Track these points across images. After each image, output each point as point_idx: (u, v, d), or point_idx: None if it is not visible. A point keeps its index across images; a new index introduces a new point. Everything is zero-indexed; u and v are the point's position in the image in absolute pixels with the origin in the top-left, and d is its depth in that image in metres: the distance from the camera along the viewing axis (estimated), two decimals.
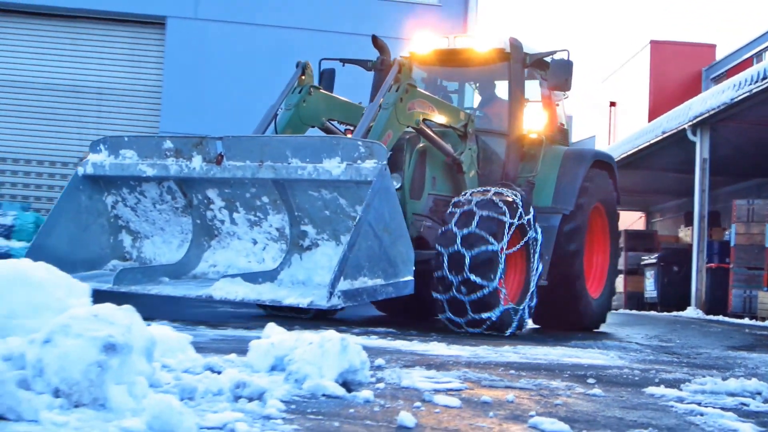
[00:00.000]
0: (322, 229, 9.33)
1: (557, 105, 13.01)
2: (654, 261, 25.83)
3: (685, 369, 6.74)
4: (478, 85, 13.93)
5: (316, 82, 11.54)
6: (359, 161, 8.35)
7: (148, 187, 9.97)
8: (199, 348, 5.08)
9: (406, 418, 3.46)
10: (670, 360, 7.59)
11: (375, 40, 12.41)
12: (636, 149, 24.51)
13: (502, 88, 12.65)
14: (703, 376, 5.95)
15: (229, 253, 9.99)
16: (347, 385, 4.16)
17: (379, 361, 5.53)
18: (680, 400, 4.71)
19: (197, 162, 9.19)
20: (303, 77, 11.02)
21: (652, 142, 23.16)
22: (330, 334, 4.42)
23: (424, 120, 10.46)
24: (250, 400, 3.67)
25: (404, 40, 14.35)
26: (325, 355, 4.24)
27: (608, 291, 13.09)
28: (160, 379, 3.92)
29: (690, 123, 20.06)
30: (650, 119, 29.30)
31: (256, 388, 3.76)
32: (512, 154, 11.79)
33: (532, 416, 3.74)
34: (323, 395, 4.00)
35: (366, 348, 4.93)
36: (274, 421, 3.31)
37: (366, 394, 4.07)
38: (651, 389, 5.09)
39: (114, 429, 2.89)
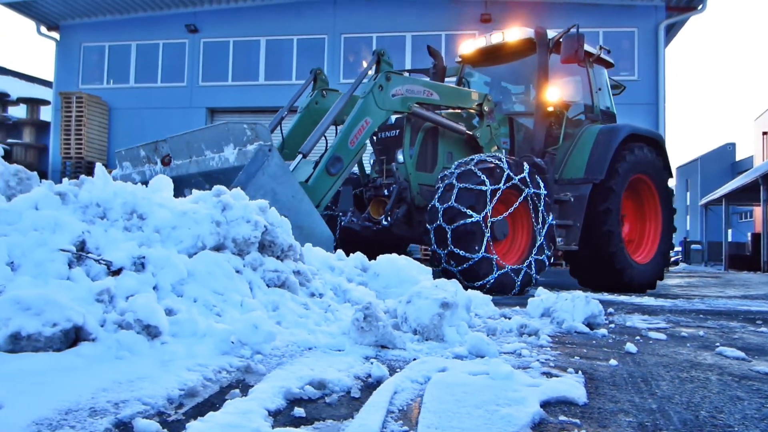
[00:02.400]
0: None
1: (599, 91, 9.26)
2: None
3: None
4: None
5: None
6: (248, 145, 5.58)
7: None
8: (497, 303, 5.07)
9: (630, 346, 3.29)
10: None
11: (429, 48, 9.70)
12: None
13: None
14: None
15: None
16: (590, 326, 4.01)
17: (610, 309, 5.28)
18: None
19: (159, 165, 6.55)
20: (316, 82, 8.37)
21: None
22: (578, 293, 4.29)
23: (423, 103, 7.58)
24: (529, 335, 3.63)
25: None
26: (575, 306, 4.12)
27: (659, 258, 9.20)
28: (474, 323, 3.96)
29: None
30: None
31: (533, 327, 3.70)
32: (537, 130, 8.55)
33: (717, 346, 3.44)
34: (575, 332, 3.88)
35: (601, 301, 4.73)
36: (545, 348, 3.25)
37: (602, 331, 3.91)
38: None
39: (448, 353, 2.94)
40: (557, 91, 8.77)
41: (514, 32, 8.94)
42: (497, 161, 6.88)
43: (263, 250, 3.81)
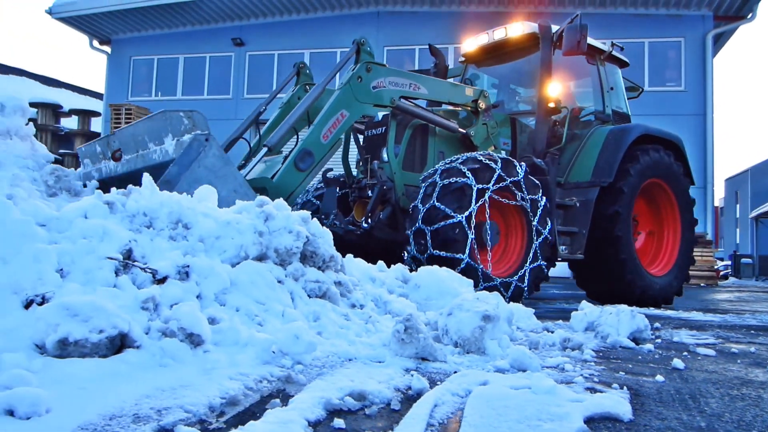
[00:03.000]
0: None
1: (610, 90, 8.49)
2: None
3: None
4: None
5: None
6: (185, 134, 4.91)
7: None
8: (539, 316, 5.00)
9: (677, 362, 3.20)
10: None
11: (431, 47, 9.07)
12: None
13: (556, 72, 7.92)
14: None
15: None
16: (635, 341, 3.93)
17: (656, 324, 5.16)
18: None
19: (112, 162, 5.82)
20: (299, 76, 7.72)
21: None
22: (623, 307, 4.21)
23: (409, 98, 6.98)
24: (573, 349, 3.56)
25: None
26: (620, 321, 4.04)
27: (677, 272, 8.30)
28: (516, 336, 3.90)
29: None
30: None
31: (577, 341, 3.64)
32: (539, 130, 7.72)
33: None
34: (620, 347, 3.80)
35: (647, 315, 4.62)
36: (589, 363, 3.19)
37: (649, 346, 3.82)
38: None
39: (490, 367, 2.90)
40: (562, 88, 8.08)
41: (517, 27, 8.26)
42: (487, 159, 6.16)
43: (305, 261, 3.82)
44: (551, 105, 7.73)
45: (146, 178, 3.78)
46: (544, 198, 6.53)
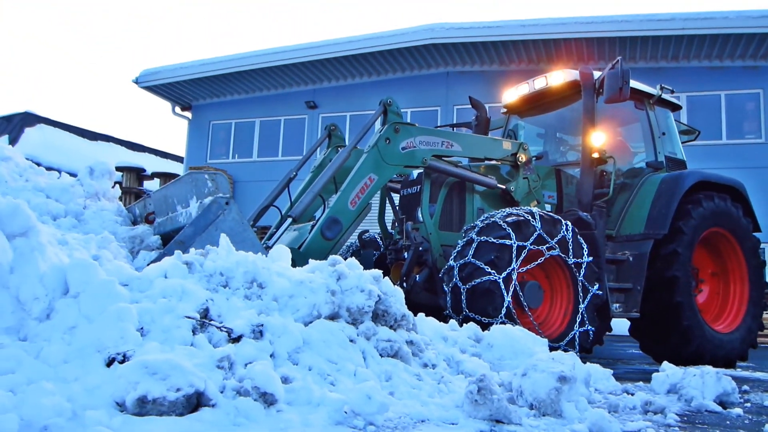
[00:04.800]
0: None
1: (662, 136, 7.93)
2: None
3: None
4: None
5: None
6: (209, 197, 4.75)
7: None
8: (618, 377, 4.82)
9: None
10: None
11: (471, 99, 8.79)
12: None
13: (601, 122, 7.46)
14: None
15: None
16: (722, 404, 3.73)
17: (745, 387, 4.89)
18: None
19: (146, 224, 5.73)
20: (330, 139, 7.56)
21: None
22: (707, 369, 4.02)
23: (443, 156, 6.64)
24: (655, 413, 3.41)
25: None
26: (705, 383, 3.85)
27: (747, 327, 7.44)
28: (594, 398, 3.77)
29: None
30: None
31: (659, 405, 3.49)
32: (584, 181, 7.18)
33: None
34: (706, 411, 3.62)
35: (734, 377, 4.40)
36: (673, 428, 3.04)
37: (737, 410, 3.62)
38: None
39: (567, 431, 2.81)
40: (608, 137, 7.55)
41: (558, 75, 7.89)
42: (528, 215, 5.79)
43: (376, 320, 3.82)
44: (595, 155, 7.23)
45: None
46: (591, 256, 6.04)
